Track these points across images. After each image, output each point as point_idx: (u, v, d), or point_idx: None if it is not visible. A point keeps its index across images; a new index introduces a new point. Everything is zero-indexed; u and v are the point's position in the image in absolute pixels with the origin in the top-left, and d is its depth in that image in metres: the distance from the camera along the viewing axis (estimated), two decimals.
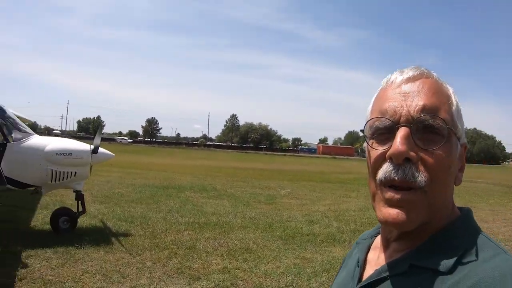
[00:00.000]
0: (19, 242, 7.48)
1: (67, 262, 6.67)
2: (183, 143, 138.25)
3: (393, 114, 0.92)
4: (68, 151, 7.98)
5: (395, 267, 0.93)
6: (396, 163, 0.89)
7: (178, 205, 12.44)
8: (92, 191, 14.17)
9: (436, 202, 0.91)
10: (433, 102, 0.91)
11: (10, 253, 6.90)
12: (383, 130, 0.94)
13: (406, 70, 0.99)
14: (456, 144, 0.94)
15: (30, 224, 8.98)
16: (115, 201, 12.50)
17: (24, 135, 8.11)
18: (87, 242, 7.56)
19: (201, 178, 21.73)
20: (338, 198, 16.55)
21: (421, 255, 0.91)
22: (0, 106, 8.16)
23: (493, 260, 0.83)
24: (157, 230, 8.93)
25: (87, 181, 15.61)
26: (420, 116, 0.90)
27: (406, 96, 0.93)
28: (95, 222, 9.37)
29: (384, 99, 0.96)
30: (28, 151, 7.85)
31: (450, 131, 0.91)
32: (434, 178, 0.88)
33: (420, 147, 0.89)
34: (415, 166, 0.88)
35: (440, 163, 0.89)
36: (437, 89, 0.95)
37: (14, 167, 7.71)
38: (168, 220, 10.04)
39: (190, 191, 16.00)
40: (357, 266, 1.08)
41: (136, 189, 15.61)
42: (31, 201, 10.54)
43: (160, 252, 7.38)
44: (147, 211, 11.12)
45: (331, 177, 27.99)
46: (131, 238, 8.18)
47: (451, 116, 0.93)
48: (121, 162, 27.62)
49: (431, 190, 0.88)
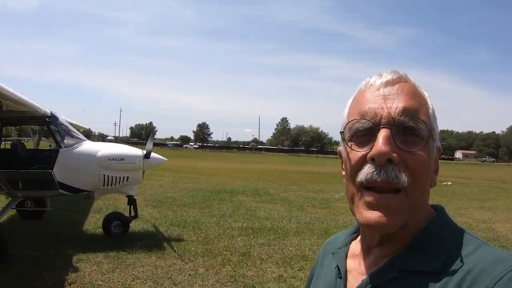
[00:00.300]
0: (71, 245, 7.45)
1: (118, 267, 6.50)
2: (234, 147, 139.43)
3: (373, 116, 0.92)
4: (120, 157, 7.88)
5: (384, 274, 0.92)
6: (379, 164, 0.88)
7: (231, 210, 12.15)
8: (144, 195, 14.20)
9: (417, 203, 0.91)
10: (412, 105, 0.92)
11: (62, 257, 6.85)
12: (363, 132, 0.93)
13: (384, 73, 0.99)
14: (433, 146, 0.95)
15: (82, 228, 8.97)
16: (167, 206, 12.40)
17: (76, 141, 8.13)
18: (139, 247, 7.38)
19: (253, 182, 21.44)
20: None
21: (408, 258, 0.90)
22: (53, 113, 8.21)
23: (477, 252, 0.85)
24: (210, 236, 8.66)
25: (139, 185, 15.71)
26: (400, 118, 0.90)
27: (386, 99, 0.93)
28: (147, 227, 9.23)
29: (364, 102, 0.96)
30: (80, 156, 7.84)
31: (429, 133, 0.92)
32: (416, 179, 0.89)
33: (401, 149, 0.89)
34: (398, 167, 0.87)
35: (421, 164, 0.90)
36: (416, 93, 0.96)
37: (67, 172, 7.69)
38: (221, 225, 9.75)
39: (243, 195, 15.71)
40: (339, 277, 1.04)
41: (188, 193, 15.50)
42: (84, 205, 10.57)
43: (213, 258, 7.06)
44: (199, 216, 10.90)
45: None
46: (183, 243, 7.93)
47: (429, 118, 0.95)
48: (174, 166, 27.89)
49: (412, 191, 0.89)
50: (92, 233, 8.57)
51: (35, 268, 6.31)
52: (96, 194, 8.13)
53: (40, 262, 6.61)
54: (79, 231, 8.74)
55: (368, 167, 0.89)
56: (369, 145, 0.90)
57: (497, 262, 0.81)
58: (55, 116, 8.27)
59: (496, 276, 0.78)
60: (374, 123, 0.91)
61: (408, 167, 0.88)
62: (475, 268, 0.81)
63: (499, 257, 0.83)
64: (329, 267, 1.11)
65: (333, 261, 1.10)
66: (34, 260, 6.72)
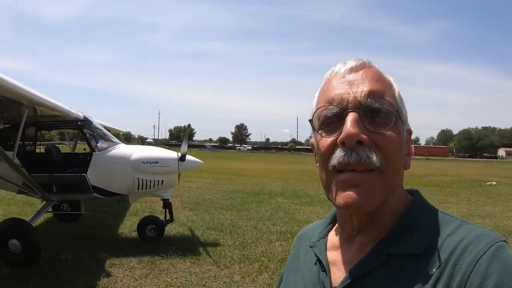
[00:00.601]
0: (105, 249, 7.30)
1: (151, 272, 6.26)
2: (273, 148, 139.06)
3: (340, 101, 0.92)
4: (154, 159, 7.64)
5: (371, 260, 0.91)
6: (349, 146, 0.88)
7: (269, 213, 11.75)
8: (182, 197, 14.04)
9: (391, 182, 0.92)
10: (378, 87, 0.93)
11: (95, 260, 6.70)
12: (332, 118, 0.93)
13: (348, 61, 1.00)
14: (402, 128, 0.96)
15: (118, 231, 8.82)
16: (204, 208, 12.16)
17: (110, 145, 7.97)
18: (173, 252, 7.13)
19: (292, 183, 20.95)
20: (437, 204, 14.18)
21: (393, 242, 0.91)
22: (86, 117, 8.11)
23: (459, 231, 0.88)
24: (247, 240, 8.30)
25: (177, 188, 15.57)
26: (367, 100, 0.91)
27: (351, 84, 0.94)
28: (183, 230, 8.98)
29: (330, 89, 0.97)
30: (114, 160, 7.66)
31: (397, 113, 0.92)
32: (388, 158, 0.89)
33: (370, 131, 0.89)
34: (368, 147, 0.88)
35: (391, 143, 0.90)
36: (380, 77, 0.97)
37: (100, 176, 7.53)
38: (259, 229, 9.37)
39: (282, 197, 15.30)
40: (322, 270, 1.01)
41: (226, 195, 15.23)
42: (121, 208, 10.43)
43: (250, 265, 6.70)
44: (237, 219, 10.57)
45: (426, 180, 25.67)
46: (219, 248, 7.61)
47: (395, 100, 0.96)
48: (212, 168, 27.81)
49: (385, 170, 0.89)
50: (127, 237, 8.40)
51: (68, 271, 6.20)
52: (131, 197, 7.93)
53: (73, 265, 6.50)
54: (114, 234, 8.60)
55: (339, 150, 0.90)
56: (338, 131, 0.91)
57: (479, 238, 0.83)
58: (88, 120, 8.17)
59: (479, 251, 0.80)
60: (342, 108, 0.92)
61: (379, 148, 0.89)
62: (459, 245, 0.83)
63: (480, 233, 0.85)
64: (308, 261, 1.08)
65: (311, 255, 1.08)
66: (68, 263, 6.61)
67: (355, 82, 0.94)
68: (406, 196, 1.01)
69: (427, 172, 34.60)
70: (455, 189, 20.21)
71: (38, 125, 8.30)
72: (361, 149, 0.87)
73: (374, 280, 0.89)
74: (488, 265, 0.78)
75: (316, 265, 1.04)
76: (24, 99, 6.07)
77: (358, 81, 0.94)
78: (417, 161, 73.88)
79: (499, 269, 0.77)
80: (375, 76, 0.96)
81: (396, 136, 0.91)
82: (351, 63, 0.98)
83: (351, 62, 0.99)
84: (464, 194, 18.12)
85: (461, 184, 23.29)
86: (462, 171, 37.42)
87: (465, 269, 0.79)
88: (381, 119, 0.91)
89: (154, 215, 8.72)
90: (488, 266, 0.78)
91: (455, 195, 17.65)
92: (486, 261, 0.78)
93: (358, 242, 0.98)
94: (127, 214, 10.59)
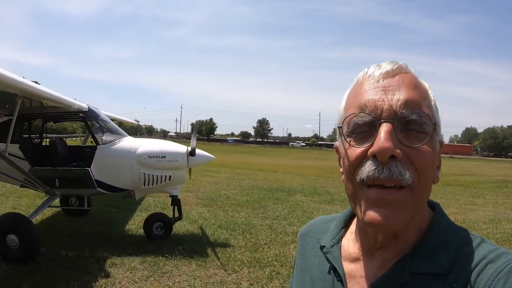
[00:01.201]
0: (108, 247, 6.92)
1: (152, 275, 5.83)
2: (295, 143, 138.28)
3: (373, 109, 0.86)
4: (161, 154, 7.15)
5: (395, 277, 0.88)
6: (382, 161, 0.83)
7: (287, 211, 11.18)
8: (197, 192, 13.63)
9: (422, 200, 0.88)
10: (414, 97, 0.87)
11: (95, 259, 6.31)
12: (363, 127, 0.88)
13: (383, 64, 0.93)
14: (436, 141, 0.90)
15: (125, 228, 8.40)
16: (219, 204, 11.68)
17: (116, 137, 7.51)
18: (179, 253, 6.67)
19: (313, 180, 20.33)
20: (463, 206, 14.06)
21: (417, 261, 0.88)
22: (91, 108, 7.70)
23: (479, 249, 0.86)
24: (260, 241, 7.76)
25: (193, 182, 15.29)
26: (403, 111, 0.85)
27: (386, 90, 0.87)
28: (193, 229, 8.50)
29: (363, 94, 0.90)
30: (118, 153, 7.22)
31: (433, 126, 0.87)
32: (421, 175, 0.84)
33: (405, 145, 0.84)
34: (401, 163, 0.83)
35: (425, 160, 0.85)
36: (417, 84, 0.90)
37: (105, 170, 7.12)
38: (274, 229, 8.82)
39: (301, 195, 14.70)
40: (337, 280, 0.97)
41: (243, 191, 14.73)
42: (132, 203, 10.00)
43: (261, 270, 6.18)
44: (252, 217, 10.05)
45: (450, 179, 24.76)
46: (229, 249, 7.10)
47: (432, 111, 0.90)
48: (232, 162, 27.43)
49: (417, 188, 0.85)
50: (133, 234, 7.95)
51: (65, 270, 5.84)
52: (137, 193, 7.48)
53: (72, 263, 6.12)
54: (120, 231, 8.16)
55: (370, 164, 0.84)
56: (369, 141, 0.86)
57: (499, 257, 0.82)
58: (94, 111, 7.74)
59: (498, 267, 0.80)
60: (375, 117, 0.86)
61: (412, 164, 0.84)
62: (480, 264, 0.82)
63: (500, 252, 0.84)
64: (318, 266, 1.04)
65: (322, 259, 1.04)
66: (67, 261, 6.23)
67: (391, 88, 0.88)
68: (429, 210, 0.97)
69: (451, 171, 33.62)
70: (480, 190, 19.38)
71: (44, 117, 7.95)
72: (394, 165, 0.83)
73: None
74: (506, 280, 0.77)
75: (330, 274, 1.00)
76: (14, 89, 5.64)
77: (394, 88, 0.88)
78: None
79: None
80: (412, 83, 0.89)
81: (431, 151, 0.86)
82: (386, 66, 0.92)
83: (386, 65, 0.92)
84: (490, 195, 17.30)
85: (487, 184, 22.46)
86: (487, 171, 36.37)
87: (483, 284, 0.79)
88: (417, 132, 0.85)
89: (161, 212, 8.26)
90: (506, 281, 0.77)
91: (481, 197, 16.82)
92: (505, 276, 0.78)
93: (380, 257, 0.93)
94: (138, 209, 10.20)
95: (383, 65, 0.92)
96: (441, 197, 16.11)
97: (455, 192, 17.94)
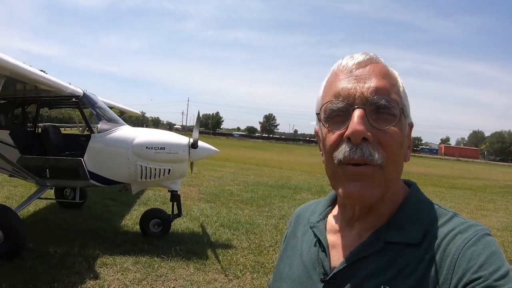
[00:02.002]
0: (101, 244, 6.42)
1: (146, 278, 5.31)
2: (301, 140, 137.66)
3: (347, 96, 0.95)
4: (160, 145, 6.56)
5: (370, 246, 0.97)
6: (355, 143, 0.91)
7: (293, 210, 10.50)
8: (200, 187, 13.10)
9: (391, 176, 0.96)
10: (384, 84, 0.96)
11: (85, 258, 5.80)
12: (338, 112, 0.96)
13: (356, 55, 1.01)
14: (405, 124, 0.99)
15: (120, 223, 7.86)
16: (222, 201, 11.12)
17: (112, 126, 6.91)
18: (177, 254, 6.14)
19: (320, 178, 19.69)
20: (474, 211, 13.38)
21: (391, 232, 0.96)
22: (87, 94, 7.10)
23: (450, 222, 0.94)
24: (264, 243, 7.19)
25: (196, 176, 14.74)
26: (373, 97, 0.93)
27: (358, 79, 0.96)
28: (193, 226, 7.93)
29: (337, 83, 0.98)
30: (114, 143, 6.66)
31: (401, 110, 0.96)
32: (389, 155, 0.93)
33: (375, 127, 0.92)
34: (372, 145, 0.91)
35: (394, 141, 0.94)
36: (386, 73, 0.99)
37: (98, 161, 6.58)
38: (280, 229, 8.22)
39: (307, 193, 14.11)
40: (321, 250, 1.07)
41: (248, 187, 14.16)
42: (131, 196, 9.44)
43: (264, 276, 5.61)
44: (256, 215, 9.49)
45: (458, 182, 24.18)
46: (231, 251, 6.55)
47: (400, 97, 0.98)
48: (237, 157, 26.87)
49: (386, 166, 0.93)
50: (129, 230, 7.40)
51: (51, 269, 5.36)
52: (133, 187, 6.90)
53: (60, 261, 5.63)
54: (115, 226, 7.60)
55: (345, 145, 0.93)
56: (344, 125, 0.94)
57: (468, 228, 0.91)
58: (90, 97, 7.14)
59: (466, 237, 0.88)
60: (348, 103, 0.94)
61: (382, 144, 0.92)
62: (449, 234, 0.91)
63: (469, 224, 0.93)
64: (307, 241, 1.13)
65: (310, 235, 1.13)
66: (55, 258, 5.75)
67: (362, 77, 0.96)
68: (404, 187, 1.06)
69: (459, 174, 33.00)
70: (490, 195, 18.68)
71: (37, 103, 7.42)
72: (365, 146, 0.91)
73: (371, 264, 0.94)
74: (474, 250, 0.85)
75: (315, 246, 1.09)
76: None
77: (365, 77, 0.96)
78: (447, 161, 71.39)
79: (484, 251, 0.84)
80: (381, 72, 0.98)
81: (399, 133, 0.94)
82: (358, 57, 1.00)
83: (358, 56, 1.00)
84: (500, 201, 16.61)
85: (495, 189, 21.81)
86: (494, 175, 35.60)
87: (453, 252, 0.86)
88: (386, 116, 0.93)
89: (159, 208, 7.68)
90: (473, 250, 0.85)
91: (491, 202, 16.13)
92: (472, 246, 0.85)
93: (358, 228, 1.03)
94: (136, 203, 9.67)
95: (356, 56, 1.01)
96: (451, 200, 15.54)
97: (465, 196, 17.31)
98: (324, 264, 1.02)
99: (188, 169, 7.19)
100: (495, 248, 0.86)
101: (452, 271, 0.84)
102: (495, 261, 0.82)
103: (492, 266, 0.81)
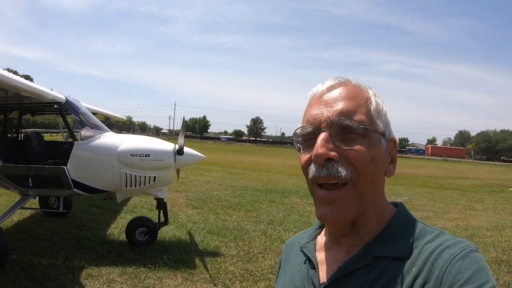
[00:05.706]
0: (86, 254, 6.27)
1: None
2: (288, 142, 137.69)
3: (314, 121, 1.03)
4: (145, 152, 6.43)
5: (358, 261, 1.00)
6: (319, 164, 0.99)
7: (282, 215, 10.52)
8: (188, 192, 12.97)
9: (366, 192, 1.00)
10: (349, 106, 1.01)
11: (69, 269, 5.65)
12: (309, 136, 1.04)
13: (326, 81, 1.09)
14: (378, 140, 1.02)
15: (106, 232, 7.70)
16: (210, 206, 11.02)
17: (96, 133, 6.72)
18: (164, 263, 6.02)
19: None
20: (463, 211, 13.46)
21: (379, 247, 1.00)
22: (70, 100, 6.90)
23: (437, 239, 0.97)
24: (253, 250, 7.09)
25: (183, 181, 14.58)
26: (338, 119, 0.99)
27: (326, 104, 1.03)
28: (180, 234, 7.80)
29: (309, 110, 1.07)
30: (97, 151, 6.50)
31: (367, 129, 1.00)
32: (359, 170, 0.97)
33: (341, 147, 0.98)
34: (338, 163, 0.97)
35: (360, 156, 0.97)
36: (354, 94, 1.05)
37: (82, 169, 6.42)
38: (269, 235, 8.15)
39: (296, 196, 14.05)
40: (311, 268, 1.10)
41: (236, 192, 14.07)
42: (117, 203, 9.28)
43: (254, 284, 5.54)
44: (244, 221, 9.39)
45: (446, 182, 24.44)
46: (219, 259, 6.44)
47: (369, 116, 1.03)
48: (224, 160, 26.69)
49: (358, 181, 0.98)
50: (115, 239, 7.25)
51: (34, 282, 5.21)
52: (118, 195, 6.75)
53: (44, 273, 5.48)
54: (101, 236, 7.42)
55: (312, 166, 1.01)
56: (313, 148, 1.00)
57: (455, 244, 0.93)
58: (72, 103, 6.94)
59: (454, 252, 0.90)
60: (315, 128, 1.02)
61: (349, 161, 0.97)
62: (437, 249, 0.93)
63: (456, 240, 0.95)
64: (298, 262, 1.17)
65: (301, 256, 1.17)
66: (38, 270, 5.58)
67: (330, 102, 1.03)
68: (391, 207, 1.10)
69: (446, 174, 33.25)
70: (478, 194, 18.88)
71: (19, 110, 7.24)
72: (331, 165, 0.97)
73: (360, 279, 0.97)
74: (461, 264, 0.87)
75: (305, 264, 1.13)
76: None
77: (332, 101, 1.03)
78: (434, 162, 71.98)
79: (471, 266, 0.87)
80: (349, 94, 1.04)
81: (366, 150, 0.98)
82: (327, 83, 1.08)
83: (328, 82, 1.08)
84: (488, 200, 16.77)
85: (483, 188, 22.03)
86: (482, 175, 36.01)
87: (441, 266, 0.89)
88: (350, 135, 0.99)
89: (146, 216, 7.53)
90: (461, 264, 0.87)
91: (479, 201, 16.27)
92: (459, 260, 0.88)
93: (345, 244, 1.06)
94: (123, 210, 9.52)
95: (326, 82, 1.09)
96: (440, 201, 15.62)
97: (453, 196, 17.41)
98: (314, 281, 1.06)
99: (174, 175, 7.07)
100: (482, 264, 0.88)
101: (440, 284, 0.86)
102: (482, 276, 0.85)
103: (479, 280, 0.84)
